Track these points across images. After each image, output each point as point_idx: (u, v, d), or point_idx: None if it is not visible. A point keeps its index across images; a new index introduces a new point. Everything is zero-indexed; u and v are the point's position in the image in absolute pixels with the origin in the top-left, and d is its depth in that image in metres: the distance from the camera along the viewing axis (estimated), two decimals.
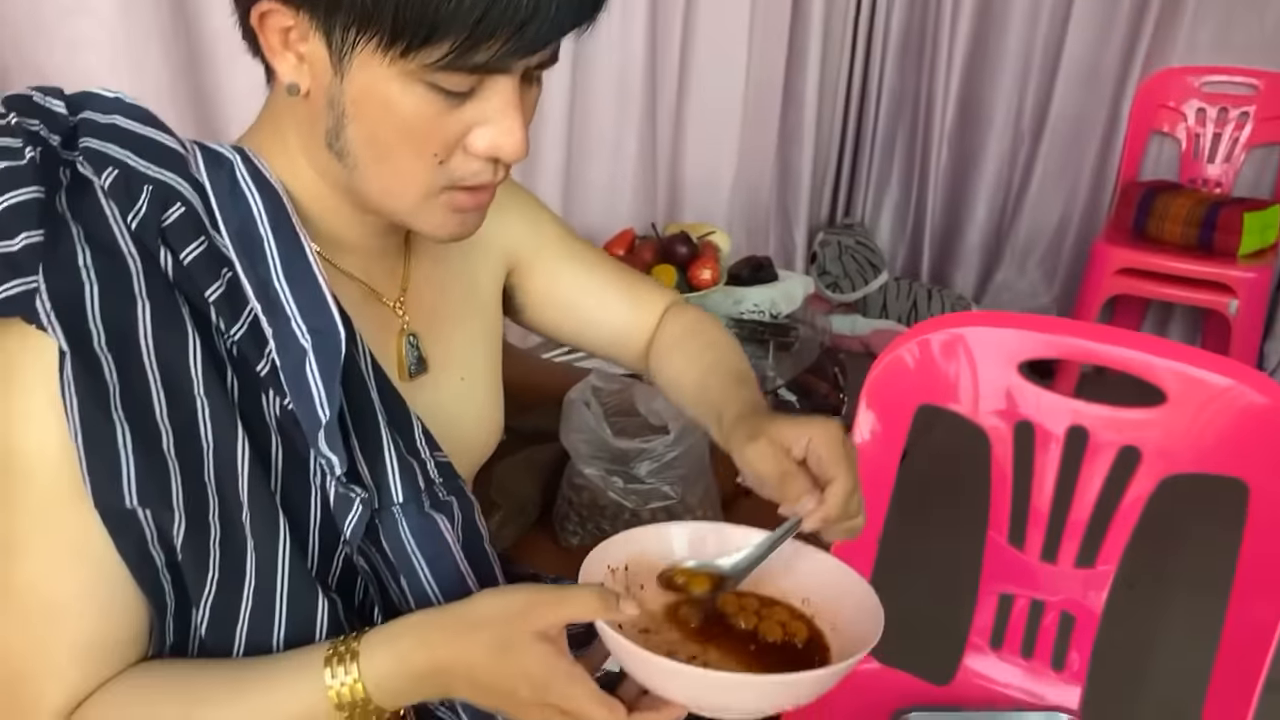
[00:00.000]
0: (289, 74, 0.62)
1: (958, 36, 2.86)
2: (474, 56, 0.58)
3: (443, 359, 0.81)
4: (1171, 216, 2.43)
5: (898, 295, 2.99)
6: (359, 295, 0.74)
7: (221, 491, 0.61)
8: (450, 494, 0.74)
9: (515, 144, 0.63)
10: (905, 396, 1.06)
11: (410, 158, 0.63)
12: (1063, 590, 1.05)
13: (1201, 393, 0.95)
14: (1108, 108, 2.73)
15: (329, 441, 0.63)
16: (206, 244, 0.62)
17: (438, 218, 0.67)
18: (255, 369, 0.63)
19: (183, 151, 0.63)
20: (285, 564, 0.64)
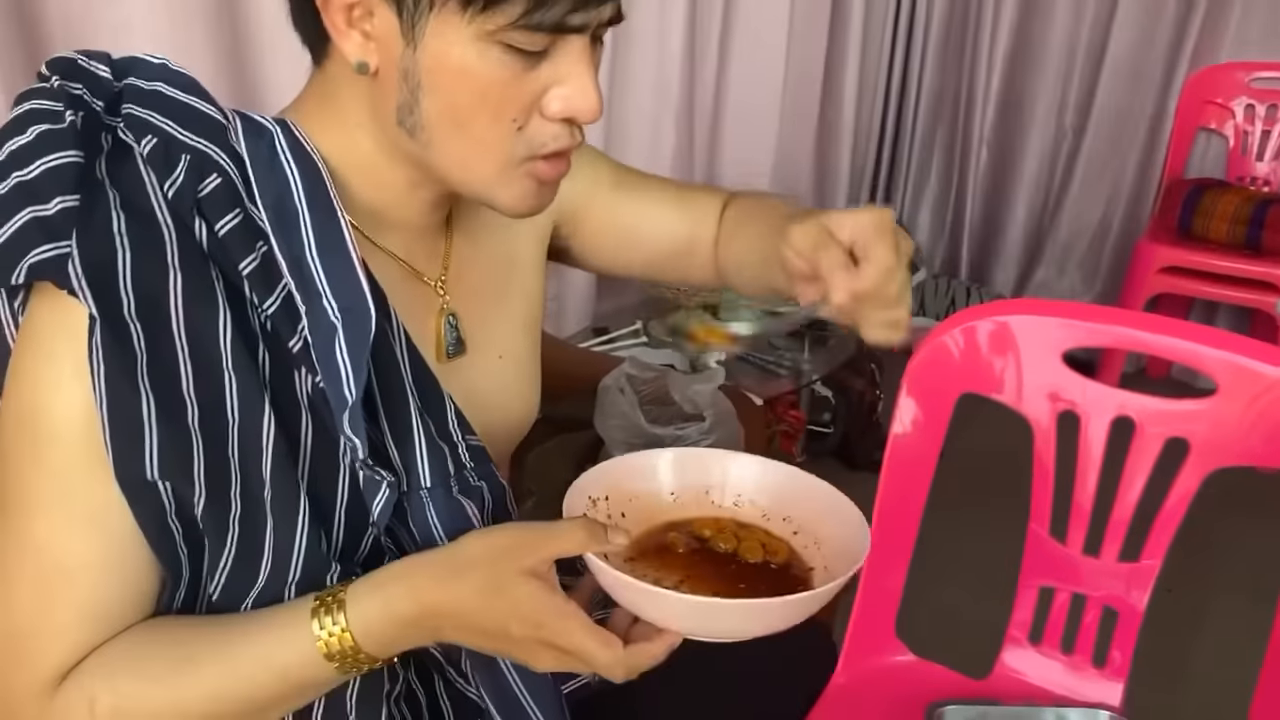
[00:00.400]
0: (356, 53, 0.62)
1: (1000, 31, 2.82)
2: (551, 8, 0.58)
3: (482, 339, 0.80)
4: (1218, 214, 2.38)
5: (935, 293, 2.96)
6: (399, 274, 0.73)
7: (245, 468, 0.61)
8: (481, 478, 0.74)
9: (591, 102, 0.63)
10: (947, 384, 1.04)
11: (489, 124, 0.63)
12: (1105, 585, 1.03)
13: (1253, 384, 0.93)
14: (1153, 104, 2.68)
15: (352, 424, 0.62)
16: (242, 216, 0.61)
17: (517, 189, 0.67)
18: (288, 345, 0.62)
19: (223, 121, 0.63)
20: (301, 544, 0.64)
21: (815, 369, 2.01)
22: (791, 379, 1.96)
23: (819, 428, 2.24)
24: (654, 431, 1.23)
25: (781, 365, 1.96)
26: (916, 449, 1.05)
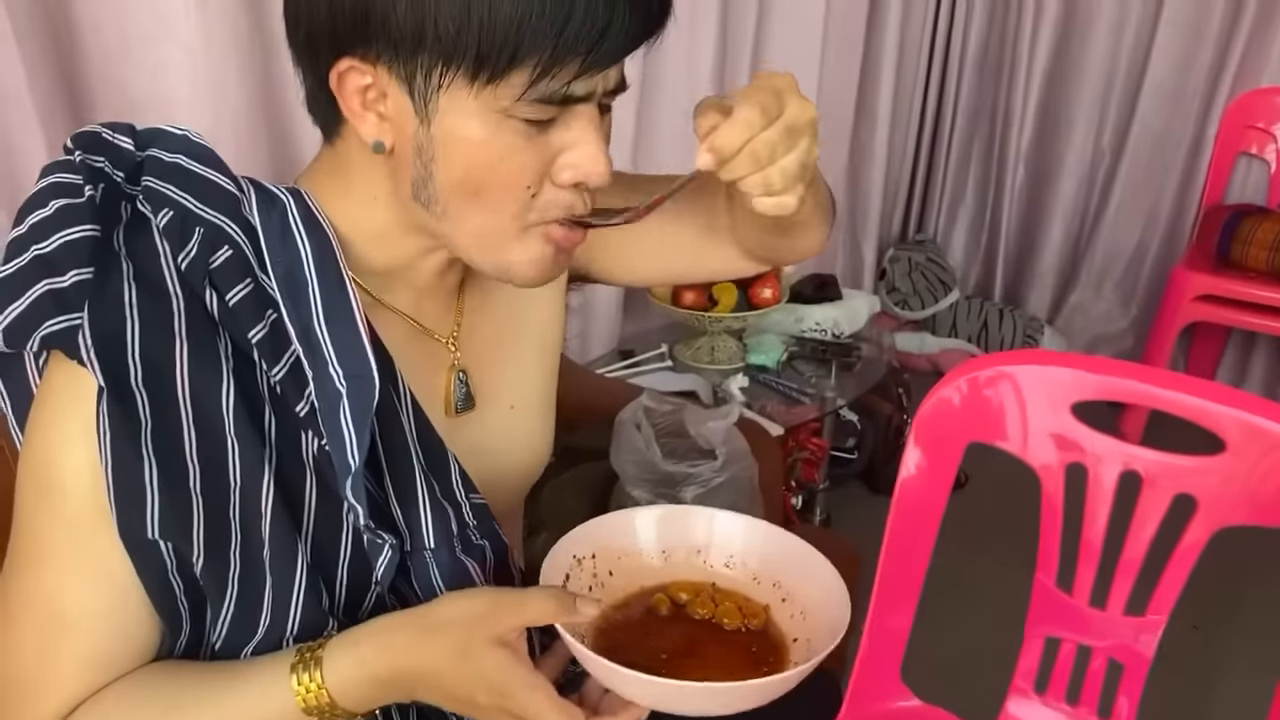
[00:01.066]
0: (372, 133, 0.64)
1: (1038, 50, 2.80)
2: (555, 80, 0.60)
3: (492, 392, 0.82)
4: (1257, 242, 2.35)
5: (968, 315, 2.94)
6: (407, 332, 0.76)
7: (245, 528, 0.64)
8: (484, 537, 0.76)
9: (599, 166, 0.65)
10: (953, 434, 1.04)
11: (501, 192, 0.65)
12: (1111, 636, 1.03)
13: (1262, 442, 0.92)
14: (1193, 127, 2.65)
15: (354, 490, 0.64)
16: (253, 285, 0.64)
17: (534, 252, 0.68)
18: (295, 409, 0.65)
19: (237, 194, 0.66)
20: (299, 601, 0.66)
21: (842, 394, 2.01)
22: (816, 405, 1.96)
23: (843, 453, 2.24)
24: (667, 469, 1.25)
25: (805, 392, 1.96)
26: (924, 496, 1.06)
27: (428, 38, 0.58)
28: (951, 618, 1.82)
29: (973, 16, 2.91)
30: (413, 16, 0.58)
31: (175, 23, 1.26)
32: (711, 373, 2.01)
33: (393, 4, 0.58)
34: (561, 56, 0.59)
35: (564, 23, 0.57)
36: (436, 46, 0.59)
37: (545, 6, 0.57)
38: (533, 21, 0.57)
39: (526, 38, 0.57)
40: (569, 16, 0.57)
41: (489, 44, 0.58)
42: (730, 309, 1.92)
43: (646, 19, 0.61)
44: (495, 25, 0.57)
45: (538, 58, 0.58)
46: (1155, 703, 1.04)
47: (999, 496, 1.05)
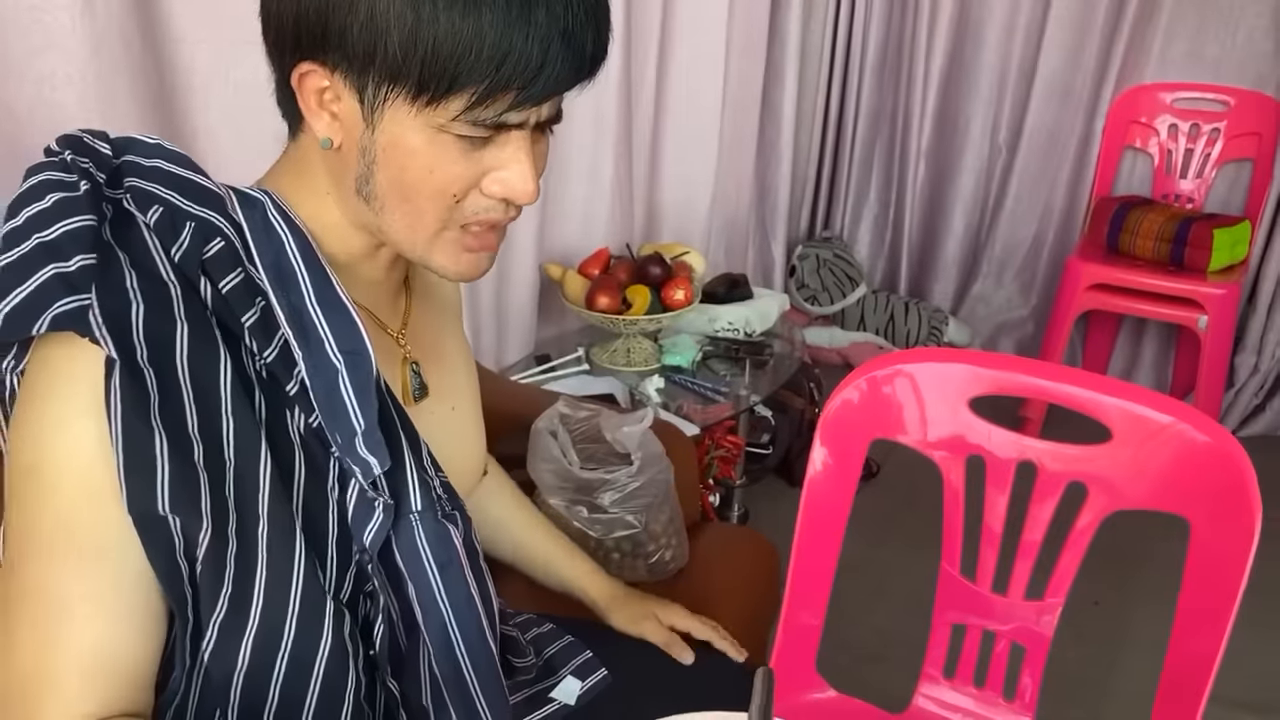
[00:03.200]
0: (324, 130, 0.69)
1: (934, 53, 2.89)
2: (489, 108, 0.65)
3: (437, 389, 0.87)
4: (1143, 232, 2.46)
5: (876, 308, 3.02)
6: (369, 325, 0.79)
7: (240, 507, 0.65)
8: (454, 509, 0.80)
9: (527, 186, 0.70)
10: (857, 431, 1.08)
11: (431, 196, 0.70)
12: (1013, 620, 1.08)
13: (1144, 430, 0.98)
14: (1082, 123, 2.76)
15: (369, 443, 0.69)
16: (243, 275, 0.68)
17: (450, 252, 0.74)
18: (285, 388, 0.68)
19: (220, 193, 0.70)
20: (299, 577, 0.67)
21: (756, 391, 2.05)
22: (731, 404, 1.99)
23: (758, 448, 2.28)
24: (584, 477, 1.25)
25: (720, 391, 1.99)
26: (831, 493, 1.09)
27: (377, 58, 0.63)
28: (866, 606, 1.87)
29: (871, 22, 2.98)
30: (366, 37, 0.63)
31: (59, 34, 1.22)
32: (628, 375, 2.02)
33: (350, 24, 0.63)
34: (496, 90, 0.64)
35: (500, 62, 0.62)
36: (384, 67, 0.64)
37: (484, 46, 0.62)
38: (471, 58, 0.62)
39: (465, 71, 0.63)
40: (505, 57, 0.62)
41: (430, 72, 0.63)
42: (644, 311, 1.94)
43: (579, 66, 0.66)
44: (438, 56, 0.62)
45: (475, 88, 0.64)
46: (1060, 677, 1.09)
47: (909, 485, 1.09)
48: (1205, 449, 0.94)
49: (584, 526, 1.25)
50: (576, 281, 2.01)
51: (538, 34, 0.62)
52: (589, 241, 2.21)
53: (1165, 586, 0.97)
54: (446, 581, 0.76)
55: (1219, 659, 0.93)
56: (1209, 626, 0.93)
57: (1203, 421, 0.95)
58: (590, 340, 2.12)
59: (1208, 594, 0.94)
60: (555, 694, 0.97)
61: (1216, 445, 0.93)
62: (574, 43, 0.64)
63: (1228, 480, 0.92)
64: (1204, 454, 0.94)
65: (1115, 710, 1.71)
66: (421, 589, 0.75)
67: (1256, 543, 0.89)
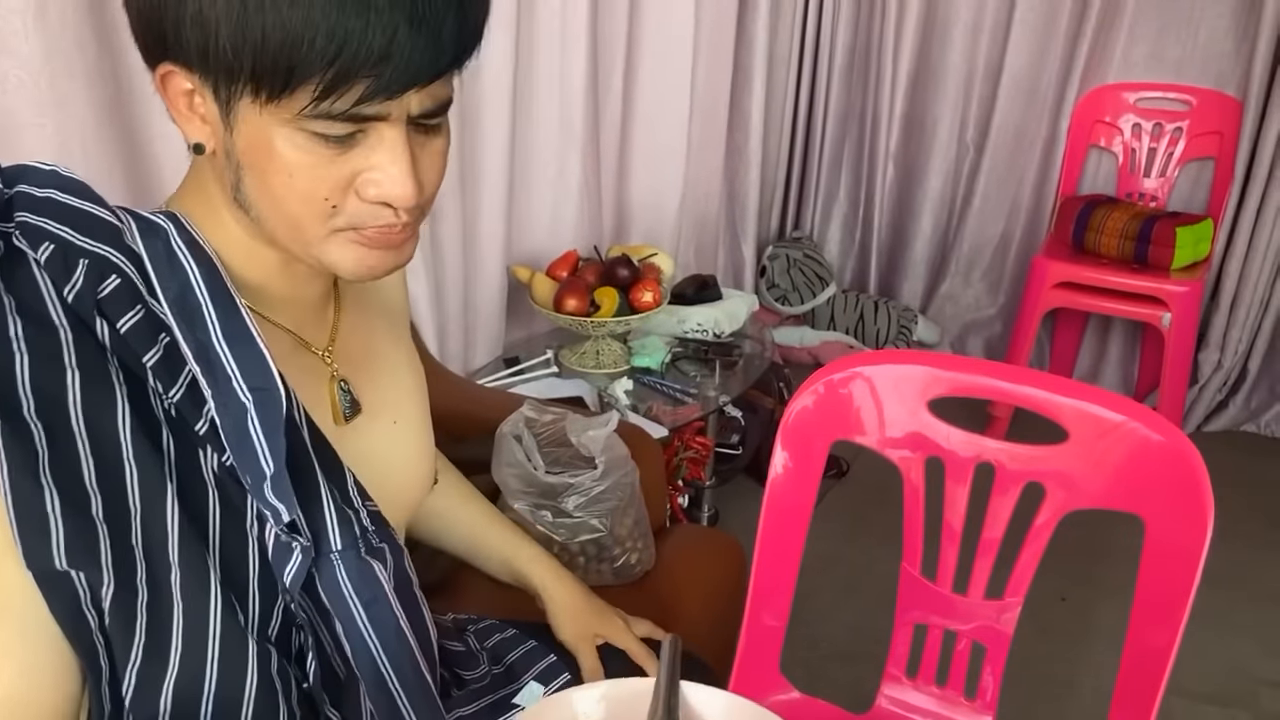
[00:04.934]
0: (194, 134, 0.66)
1: (901, 55, 2.91)
2: (338, 102, 0.60)
3: (375, 403, 0.83)
4: (1108, 230, 2.48)
5: (846, 307, 3.03)
6: (289, 345, 0.76)
7: (149, 555, 0.63)
8: (382, 541, 0.77)
9: (400, 189, 0.65)
10: (817, 434, 1.08)
11: (301, 203, 0.65)
12: (974, 619, 1.08)
13: (1098, 429, 0.99)
14: (1048, 123, 2.78)
15: (277, 491, 0.65)
16: (143, 312, 0.64)
17: (348, 254, 0.69)
18: (194, 428, 0.65)
19: (117, 224, 0.65)
20: (216, 622, 0.65)
21: (726, 392, 2.05)
22: (700, 405, 1.99)
23: (728, 449, 2.28)
24: (548, 481, 1.25)
25: (689, 392, 1.99)
26: (793, 494, 1.10)
27: (210, 54, 0.60)
28: (836, 604, 1.88)
29: (839, 24, 3.00)
30: (197, 33, 0.60)
31: (10, 38, 1.20)
32: (597, 377, 2.02)
33: (181, 18, 0.60)
34: (339, 83, 0.59)
35: (336, 52, 0.58)
36: (219, 63, 0.60)
37: (317, 35, 0.57)
38: (305, 49, 0.58)
39: (300, 63, 0.58)
40: (341, 46, 0.58)
41: (263, 65, 0.59)
42: (612, 313, 1.94)
43: (435, 54, 0.61)
44: (268, 48, 0.58)
45: (316, 80, 0.59)
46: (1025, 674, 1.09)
47: (879, 483, 1.09)
48: (1158, 448, 0.95)
49: (548, 531, 1.25)
50: (545, 284, 2.01)
51: (379, 20, 0.58)
52: (557, 243, 2.21)
53: (1131, 581, 0.98)
54: (372, 617, 0.74)
55: (1174, 652, 0.94)
56: (1164, 621, 0.95)
57: (1156, 421, 0.96)
58: (559, 342, 2.12)
59: (1163, 589, 0.95)
60: (518, 699, 0.96)
61: (1169, 444, 0.94)
62: (426, 29, 0.59)
63: (1181, 478, 0.93)
64: (1157, 452, 0.95)
65: (1078, 705, 1.72)
66: (348, 626, 0.73)
67: (1209, 539, 0.91)
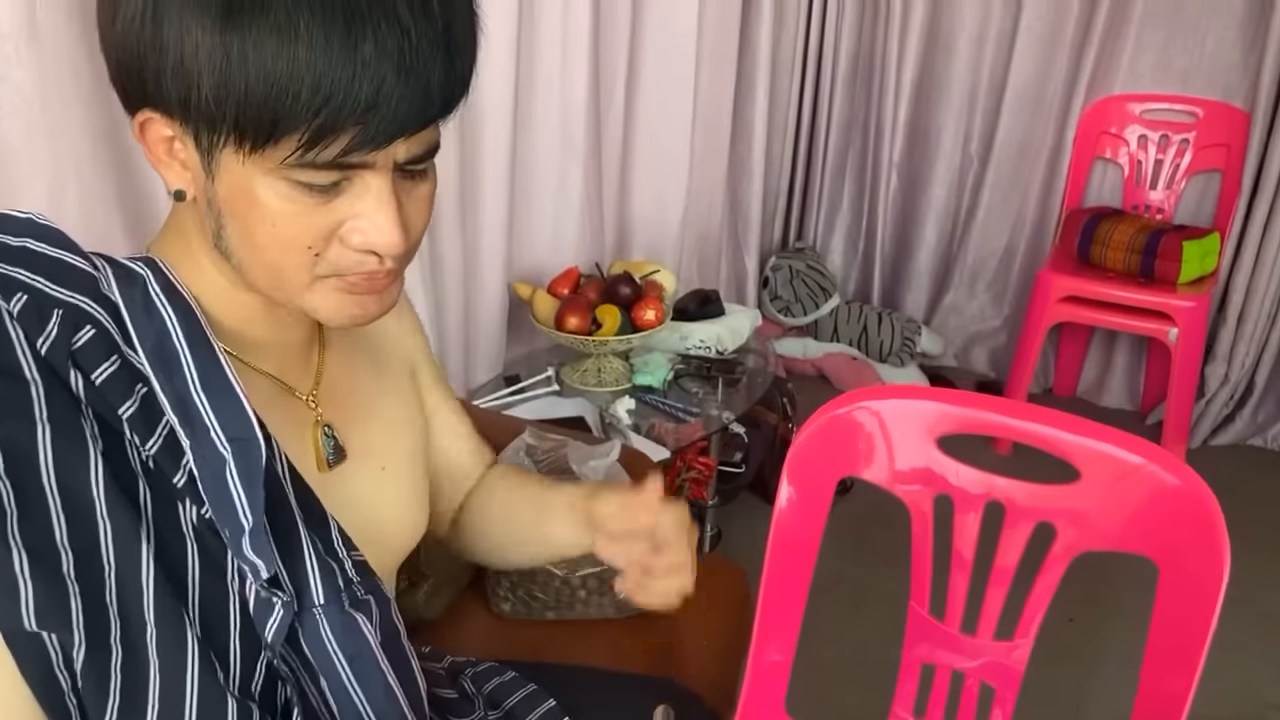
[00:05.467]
0: (175, 181, 0.65)
1: (905, 64, 2.88)
2: (323, 152, 0.59)
3: (362, 448, 0.81)
4: (1114, 244, 2.46)
5: (849, 318, 3.01)
6: (271, 391, 0.75)
7: (124, 612, 0.61)
8: (368, 593, 0.75)
9: (386, 239, 0.64)
10: (825, 469, 1.06)
11: (283, 252, 0.64)
12: (983, 660, 1.06)
13: (1113, 471, 0.96)
14: (1053, 134, 2.76)
15: (255, 547, 0.63)
16: (119, 362, 0.63)
17: (331, 302, 0.68)
18: (172, 480, 0.64)
19: (93, 272, 0.64)
20: (194, 680, 0.64)
21: (731, 409, 2.03)
22: (702, 423, 1.97)
23: (731, 467, 2.26)
24: None
25: (691, 411, 1.97)
26: (799, 530, 1.08)
27: (191, 104, 0.59)
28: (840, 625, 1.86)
29: (842, 33, 2.98)
30: (179, 83, 0.58)
31: (4, 65, 1.18)
32: (599, 395, 2.00)
33: (163, 68, 0.58)
34: (326, 133, 0.58)
35: (322, 104, 0.57)
36: (201, 113, 0.59)
37: (302, 88, 0.56)
38: (289, 100, 0.56)
39: (285, 115, 0.57)
40: (328, 98, 0.57)
41: (246, 117, 0.58)
42: (614, 331, 1.92)
43: (424, 103, 0.60)
44: (252, 100, 0.57)
45: (301, 131, 0.58)
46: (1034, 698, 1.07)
47: (882, 502, 1.07)
48: (1174, 492, 0.93)
49: (549, 564, 1.23)
50: (546, 301, 1.99)
51: (366, 71, 0.56)
52: (559, 259, 2.19)
53: (1139, 602, 0.96)
54: (357, 672, 0.72)
55: (1190, 698, 0.92)
56: (1179, 668, 0.92)
57: (1172, 464, 0.94)
58: (560, 360, 2.10)
59: (1177, 636, 0.93)
60: None
61: (1186, 489, 0.92)
62: (414, 79, 0.58)
63: (1197, 524, 0.91)
64: (1173, 497, 0.93)
65: None
66: (332, 681, 0.72)
67: (1225, 586, 0.88)
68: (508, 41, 1.86)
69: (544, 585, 1.24)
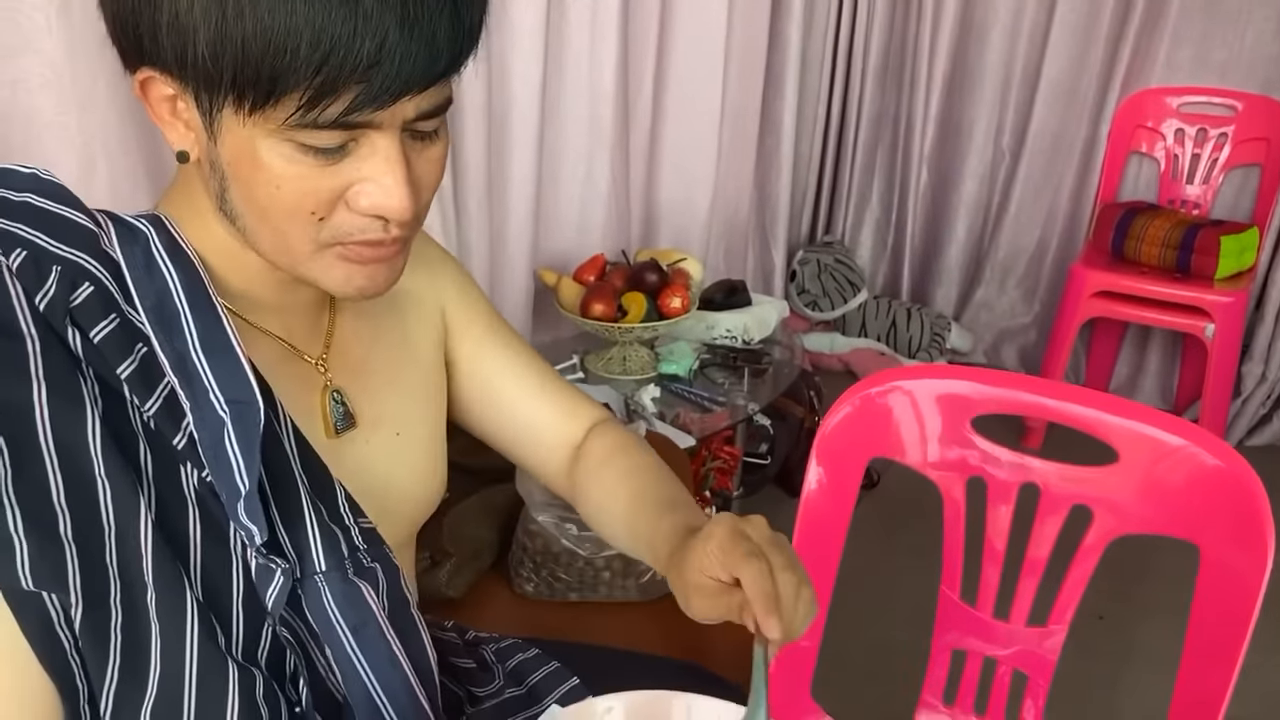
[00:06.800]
0: (178, 141, 0.64)
1: (937, 57, 2.84)
2: (327, 112, 0.57)
3: (374, 414, 0.80)
4: (1149, 238, 2.42)
5: (877, 314, 2.98)
6: (278, 354, 0.74)
7: (125, 574, 0.60)
8: (374, 561, 0.73)
9: (394, 201, 0.62)
10: (855, 450, 1.04)
11: (287, 216, 0.63)
12: (1015, 646, 1.04)
13: (1152, 452, 0.94)
14: (1087, 127, 2.72)
15: (249, 512, 0.62)
16: (118, 320, 0.61)
17: (336, 273, 0.67)
18: (172, 442, 0.62)
19: (94, 228, 0.63)
20: (193, 644, 0.62)
21: (756, 400, 2.01)
22: (728, 413, 1.95)
23: (756, 459, 2.24)
24: None
25: (717, 400, 1.95)
26: (827, 513, 1.06)
27: (188, 61, 0.57)
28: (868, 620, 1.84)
29: (873, 26, 2.94)
30: (175, 39, 0.57)
31: (35, 35, 1.19)
32: (624, 383, 1.99)
33: (159, 23, 0.57)
34: (326, 92, 0.56)
35: (323, 60, 0.55)
36: (198, 71, 0.57)
37: (301, 43, 0.54)
38: (288, 57, 0.55)
39: (284, 72, 0.55)
40: (328, 53, 0.55)
41: (245, 75, 0.56)
42: (639, 319, 1.90)
43: (431, 58, 0.58)
44: (249, 57, 0.55)
45: (302, 90, 0.56)
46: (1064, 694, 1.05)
47: (911, 495, 1.05)
48: (1216, 473, 0.90)
49: (573, 545, 1.22)
50: (571, 288, 1.98)
51: (368, 25, 0.54)
52: (585, 246, 2.18)
53: (1171, 598, 0.94)
54: (362, 643, 0.70)
55: (1230, 692, 0.89)
56: (1220, 657, 0.90)
57: (1213, 444, 0.91)
58: (586, 347, 2.09)
59: (1219, 623, 0.91)
60: None
61: (1229, 469, 0.89)
62: (419, 32, 0.56)
63: (1240, 506, 0.88)
64: (1215, 478, 0.90)
65: None
66: (336, 650, 0.70)
67: (1269, 573, 0.86)
68: (536, 27, 1.85)
69: (567, 566, 1.23)
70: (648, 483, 0.84)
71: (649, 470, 0.86)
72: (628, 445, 0.90)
